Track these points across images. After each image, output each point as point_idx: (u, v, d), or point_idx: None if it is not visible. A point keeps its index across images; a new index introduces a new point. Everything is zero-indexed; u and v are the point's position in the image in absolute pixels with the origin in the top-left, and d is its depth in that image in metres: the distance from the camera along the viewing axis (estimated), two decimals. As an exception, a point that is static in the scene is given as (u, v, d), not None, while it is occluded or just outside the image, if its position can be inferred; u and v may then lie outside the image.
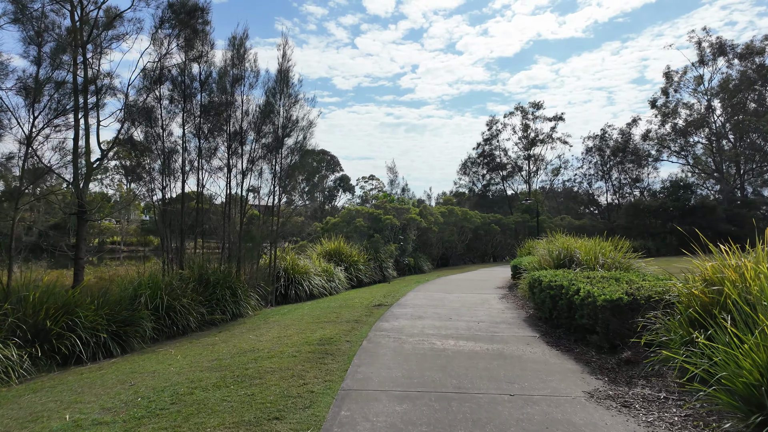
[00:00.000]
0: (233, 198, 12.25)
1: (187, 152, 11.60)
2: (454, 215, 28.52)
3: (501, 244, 35.60)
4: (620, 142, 43.17)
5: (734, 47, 36.00)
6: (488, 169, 46.64)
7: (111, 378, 5.93)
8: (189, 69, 11.32)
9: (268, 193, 12.40)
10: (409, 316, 9.20)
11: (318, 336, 7.45)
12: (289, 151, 12.86)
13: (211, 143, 11.89)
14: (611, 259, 9.60)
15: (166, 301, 8.84)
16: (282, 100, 12.68)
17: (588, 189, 49.68)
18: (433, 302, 11.26)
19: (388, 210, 21.87)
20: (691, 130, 39.13)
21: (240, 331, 8.88)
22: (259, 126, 12.24)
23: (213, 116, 11.68)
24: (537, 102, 44.07)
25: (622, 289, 6.17)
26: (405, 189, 33.53)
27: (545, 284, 7.99)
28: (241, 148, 12.34)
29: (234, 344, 7.53)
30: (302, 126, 12.80)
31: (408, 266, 22.25)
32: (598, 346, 6.32)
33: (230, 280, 10.80)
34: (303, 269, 13.90)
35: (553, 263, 10.24)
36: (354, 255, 17.32)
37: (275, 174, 12.47)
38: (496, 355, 6.23)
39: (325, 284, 14.32)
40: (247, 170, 12.27)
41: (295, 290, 13.29)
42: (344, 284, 15.52)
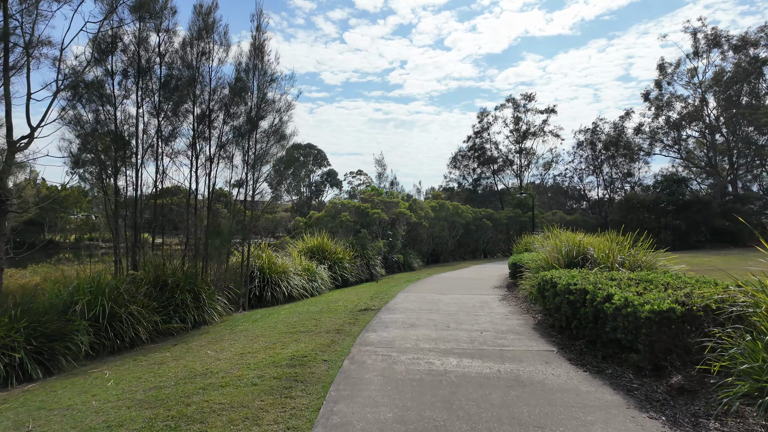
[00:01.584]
0: (198, 189, 10.78)
1: (146, 135, 10.07)
2: (445, 210, 27.28)
3: (492, 239, 34.54)
4: (613, 135, 42.35)
5: (729, 38, 35.28)
6: (479, 163, 45.47)
7: (3, 420, 4.48)
8: (145, 37, 9.76)
9: (239, 182, 10.92)
10: (401, 324, 7.88)
11: (289, 352, 6.08)
12: (264, 135, 11.38)
13: (174, 123, 10.37)
14: (631, 256, 8.38)
15: (108, 308, 7.37)
16: (256, 78, 11.20)
17: (579, 184, 48.94)
18: (427, 305, 9.95)
19: (375, 204, 20.49)
20: (684, 123, 38.43)
21: (199, 344, 7.46)
22: (229, 106, 10.75)
23: (174, 94, 10.16)
24: (529, 94, 43.05)
25: (670, 297, 4.90)
26: (394, 183, 32.22)
27: (561, 287, 6.72)
28: (209, 132, 10.84)
29: (186, 363, 6.12)
30: (279, 108, 11.35)
31: (397, 263, 20.95)
32: (636, 367, 5.07)
33: (193, 282, 9.34)
34: (281, 268, 12.48)
35: (563, 261, 9.00)
36: (339, 252, 15.93)
37: (247, 161, 11.00)
38: (511, 380, 4.93)
39: (305, 285, 12.93)
40: (215, 156, 10.77)
41: (272, 292, 11.87)
42: (328, 284, 14.14)
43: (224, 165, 11.12)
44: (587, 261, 8.76)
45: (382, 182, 31.07)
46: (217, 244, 10.13)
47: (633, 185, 45.68)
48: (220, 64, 11.12)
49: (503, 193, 45.43)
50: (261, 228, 19.65)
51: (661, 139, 40.80)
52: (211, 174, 10.85)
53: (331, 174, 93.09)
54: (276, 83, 11.67)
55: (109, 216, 9.48)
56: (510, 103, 43.57)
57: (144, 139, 9.92)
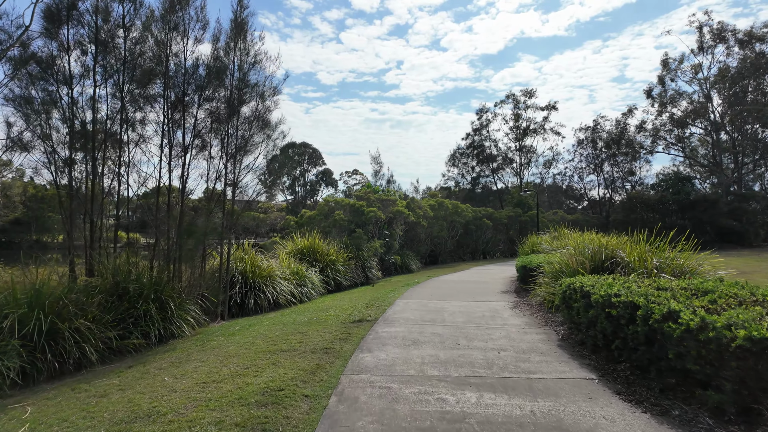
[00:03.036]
0: (171, 183, 9.47)
1: (109, 120, 8.74)
2: (444, 209, 26.07)
3: (491, 240, 33.38)
4: (615, 133, 41.29)
5: (735, 33, 34.28)
6: (478, 161, 44.27)
7: None
8: (105, 7, 8.47)
9: (215, 176, 9.62)
10: (401, 341, 6.63)
11: (263, 383, 4.82)
12: (246, 123, 10.10)
13: (142, 107, 9.07)
14: (670, 259, 7.17)
15: (48, 323, 6.07)
16: (236, 58, 9.92)
17: (579, 183, 47.94)
18: (430, 315, 8.72)
19: (371, 202, 19.24)
20: (689, 121, 37.41)
21: (158, 366, 6.18)
22: (205, 89, 9.45)
23: (141, 74, 8.86)
24: (529, 90, 41.86)
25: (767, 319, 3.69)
26: (390, 181, 30.97)
27: (598, 299, 5.50)
28: (183, 118, 9.55)
29: (132, 396, 4.84)
30: (262, 92, 10.06)
31: (394, 265, 19.70)
32: (716, 409, 3.85)
33: (161, 289, 8.05)
34: (266, 272, 11.20)
35: (588, 265, 7.78)
36: (331, 253, 14.66)
37: (226, 151, 9.71)
38: (552, 427, 3.70)
39: (294, 290, 11.65)
40: (189, 146, 9.47)
41: (255, 299, 10.60)
42: (319, 289, 12.86)
43: (201, 156, 9.83)
44: (618, 265, 7.54)
45: (378, 180, 29.85)
46: (191, 246, 8.84)
47: (634, 184, 44.71)
48: (196, 43, 9.84)
49: (502, 192, 44.30)
50: (252, 228, 18.39)
51: (664, 137, 39.79)
52: (186, 166, 9.56)
53: (327, 173, 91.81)
54: (260, 65, 10.40)
55: (66, 212, 8.17)
56: (510, 100, 42.43)
57: (106, 124, 8.61)
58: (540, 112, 42.34)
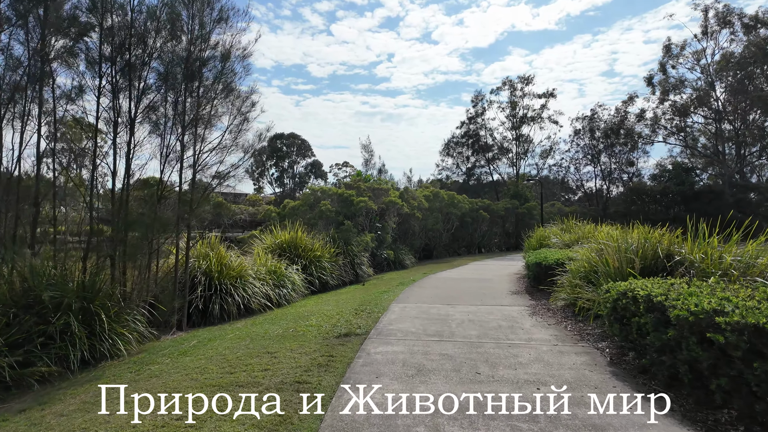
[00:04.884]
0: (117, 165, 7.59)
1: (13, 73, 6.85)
2: (439, 200, 24.38)
3: (488, 233, 31.81)
4: (615, 122, 39.81)
5: (742, 16, 32.90)
6: (473, 151, 42.54)
7: None
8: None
9: (165, 154, 7.74)
10: (401, 368, 4.93)
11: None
12: (208, 91, 8.24)
13: (70, 64, 7.17)
14: (752, 257, 5.53)
15: None
16: (194, 7, 8.02)
17: (575, 174, 46.52)
18: (434, 326, 7.03)
19: (362, 191, 17.44)
20: (692, 109, 36.06)
21: (59, 412, 4.40)
22: (145, 37, 7.54)
23: (67, 21, 6.95)
24: (527, 76, 40.10)
25: None
26: (382, 170, 29.13)
27: (684, 316, 3.83)
28: (129, 80, 7.65)
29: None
30: (227, 51, 8.21)
31: (387, 260, 17.98)
32: None
33: (91, 296, 6.24)
34: (236, 271, 9.40)
35: (638, 265, 6.10)
36: (316, 249, 12.88)
37: (183, 123, 7.84)
38: None
39: (270, 292, 9.88)
40: (134, 115, 7.58)
41: (222, 304, 8.81)
42: (301, 290, 11.10)
43: (155, 133, 7.96)
44: (681, 265, 5.88)
45: (369, 170, 28.00)
46: (135, 240, 7.02)
47: (631, 176, 43.42)
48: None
49: (498, 184, 42.72)
50: (222, 221, 16.53)
51: (664, 126, 38.45)
52: (133, 143, 7.69)
53: (316, 165, 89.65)
54: (227, 24, 8.53)
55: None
56: (506, 87, 40.64)
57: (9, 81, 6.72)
58: (537, 99, 40.72)
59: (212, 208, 8.02)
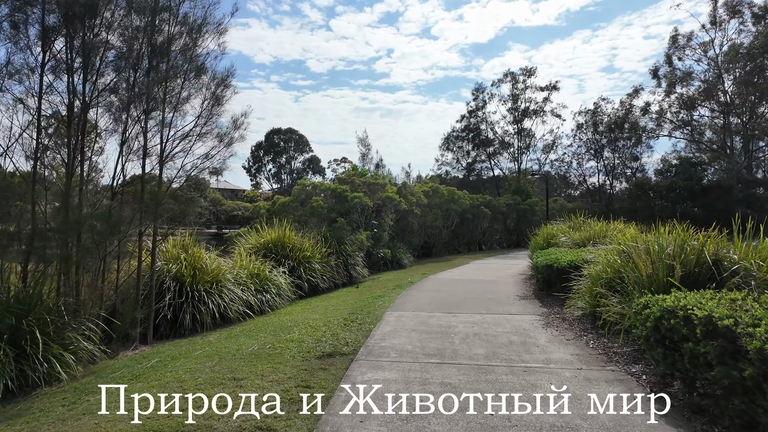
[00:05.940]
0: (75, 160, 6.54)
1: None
2: (439, 195, 23.35)
3: (488, 230, 30.78)
4: (619, 116, 38.71)
5: (751, 5, 31.78)
6: (474, 145, 41.42)
7: None
8: None
9: (122, 141, 6.66)
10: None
11: None
12: (176, 70, 7.18)
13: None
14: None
15: None
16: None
17: (578, 169, 45.47)
18: (434, 341, 6.04)
19: (357, 186, 16.38)
20: (699, 103, 34.98)
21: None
22: (110, 16, 6.50)
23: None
24: (529, 68, 38.94)
25: None
26: (380, 165, 28.07)
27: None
28: (82, 57, 6.59)
29: None
30: (198, 22, 7.15)
31: (384, 260, 16.97)
32: None
33: (25, 309, 5.22)
34: (212, 275, 8.38)
35: (679, 271, 5.08)
36: (306, 248, 11.85)
37: (145, 105, 6.78)
38: None
39: (251, 298, 8.87)
40: (93, 98, 6.53)
41: (195, 312, 7.79)
42: (287, 294, 10.08)
43: (108, 114, 6.90)
44: (734, 275, 4.86)
45: (366, 164, 26.90)
46: (86, 243, 5.99)
47: (634, 171, 42.38)
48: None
49: (499, 179, 41.64)
50: (206, 218, 15.49)
51: (670, 120, 37.37)
52: (77, 125, 6.64)
53: (314, 161, 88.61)
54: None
55: None
56: (508, 79, 39.48)
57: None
58: (540, 92, 39.55)
59: (178, 204, 6.95)
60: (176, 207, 6.93)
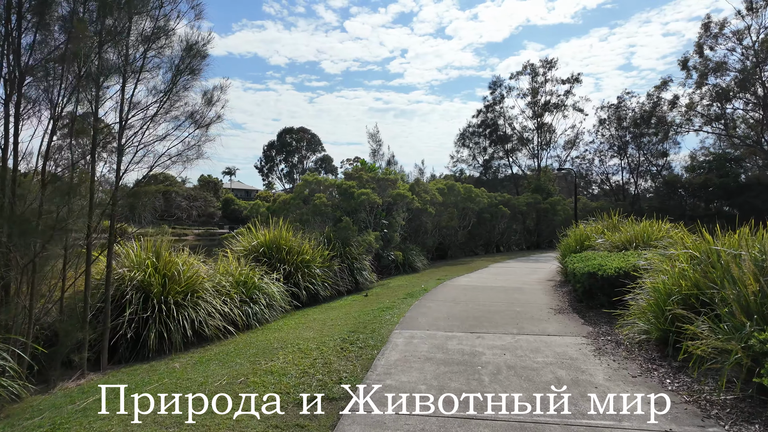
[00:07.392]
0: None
1: None
2: (455, 193, 21.77)
3: (507, 230, 29.01)
4: (646, 110, 36.50)
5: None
6: (491, 141, 39.57)
7: None
8: None
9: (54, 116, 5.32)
10: None
11: None
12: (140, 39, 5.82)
13: None
14: None
15: None
16: None
17: (600, 167, 43.26)
18: (456, 378, 4.55)
19: (364, 182, 14.93)
20: (733, 94, 32.65)
21: None
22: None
23: None
24: (550, 59, 36.97)
25: None
26: (391, 162, 26.54)
27: None
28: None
29: None
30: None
31: (395, 263, 15.47)
32: None
33: None
34: (186, 283, 7.01)
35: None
36: (305, 251, 10.43)
37: (94, 75, 5.43)
38: None
39: (235, 310, 7.47)
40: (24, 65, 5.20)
41: (162, 330, 6.41)
42: (280, 305, 8.66)
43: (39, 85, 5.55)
44: None
45: (377, 161, 25.41)
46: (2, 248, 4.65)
47: (660, 168, 40.05)
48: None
49: (517, 177, 39.72)
50: (191, 215, 14.18)
51: (701, 113, 35.07)
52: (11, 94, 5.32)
53: (326, 160, 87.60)
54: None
55: None
56: (527, 71, 37.53)
57: None
58: (561, 85, 37.51)
59: (127, 199, 5.57)
60: (125, 201, 5.55)
